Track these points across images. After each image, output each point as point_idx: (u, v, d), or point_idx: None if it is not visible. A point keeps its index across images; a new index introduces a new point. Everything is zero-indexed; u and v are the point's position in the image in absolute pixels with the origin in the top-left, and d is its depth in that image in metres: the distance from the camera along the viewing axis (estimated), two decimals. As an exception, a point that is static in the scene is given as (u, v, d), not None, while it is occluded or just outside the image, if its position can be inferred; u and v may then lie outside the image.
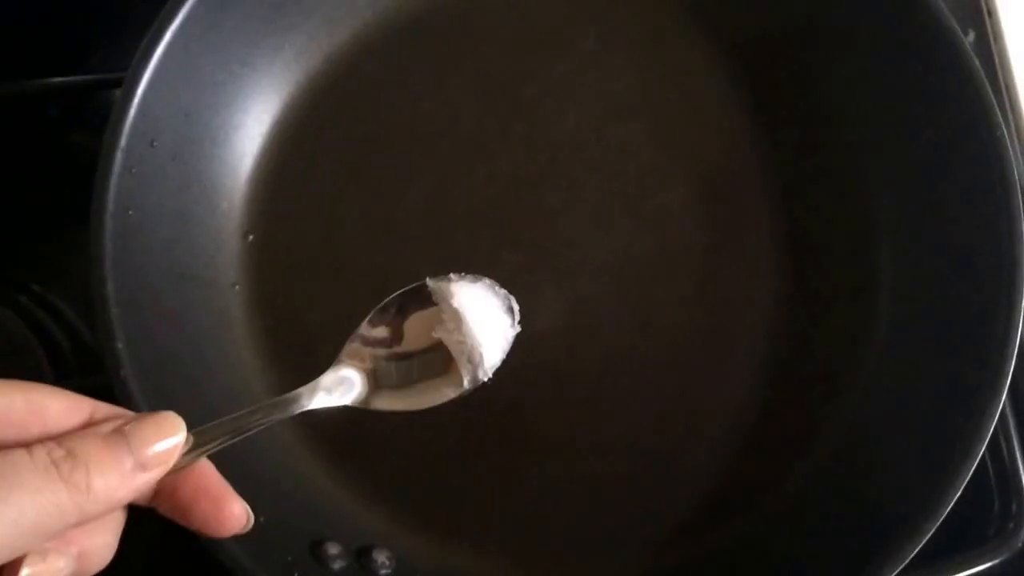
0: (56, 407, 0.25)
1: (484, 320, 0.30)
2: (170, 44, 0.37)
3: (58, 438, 0.24)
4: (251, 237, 0.41)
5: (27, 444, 0.23)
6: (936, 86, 0.40)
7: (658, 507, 0.40)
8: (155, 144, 0.38)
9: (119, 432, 0.24)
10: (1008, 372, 0.36)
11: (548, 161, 0.42)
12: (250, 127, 0.42)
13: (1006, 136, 0.38)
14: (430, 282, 0.32)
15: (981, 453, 0.36)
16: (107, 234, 0.36)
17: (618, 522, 0.40)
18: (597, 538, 0.40)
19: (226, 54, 0.40)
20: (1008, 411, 0.42)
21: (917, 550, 0.35)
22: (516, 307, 0.33)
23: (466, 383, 0.32)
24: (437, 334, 0.31)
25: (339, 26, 0.42)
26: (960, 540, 0.41)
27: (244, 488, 0.36)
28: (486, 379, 0.32)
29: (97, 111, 0.37)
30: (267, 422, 0.29)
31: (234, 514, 0.28)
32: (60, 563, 0.25)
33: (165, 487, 0.27)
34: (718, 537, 0.40)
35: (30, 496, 0.22)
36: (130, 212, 0.37)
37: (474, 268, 0.41)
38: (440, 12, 0.43)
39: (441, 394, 0.32)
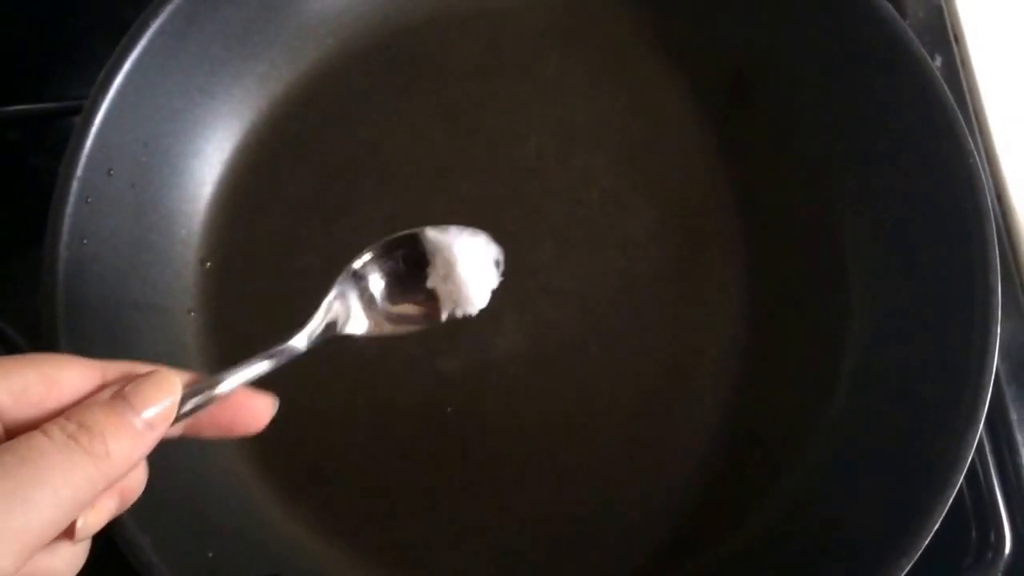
0: (69, 377, 0.26)
1: (473, 271, 0.30)
2: (129, 72, 0.38)
3: (67, 413, 0.25)
4: (208, 264, 0.41)
5: (43, 421, 0.24)
6: (905, 113, 0.40)
7: (623, 539, 0.39)
8: (112, 173, 0.38)
9: (121, 397, 0.25)
10: (984, 403, 0.35)
11: (509, 187, 0.42)
12: (210, 154, 0.41)
13: (979, 164, 0.38)
14: (429, 231, 0.32)
15: (958, 485, 0.35)
16: (60, 262, 0.36)
17: (581, 555, 0.39)
18: (561, 570, 0.39)
19: (186, 82, 0.40)
20: (985, 439, 0.41)
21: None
22: (502, 259, 0.34)
23: (443, 317, 0.32)
24: (431, 283, 0.32)
25: (300, 54, 0.43)
26: (938, 570, 0.39)
27: (191, 520, 0.36)
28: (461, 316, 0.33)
29: (57, 135, 0.37)
30: (270, 367, 0.30)
31: (265, 410, 0.29)
32: (109, 504, 0.26)
33: (194, 423, 0.28)
34: (694, 566, 0.39)
35: (61, 476, 0.23)
36: (85, 241, 0.37)
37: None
38: (401, 39, 0.43)
39: (417, 322, 0.32)
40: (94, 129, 0.37)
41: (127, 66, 0.37)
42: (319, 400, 0.40)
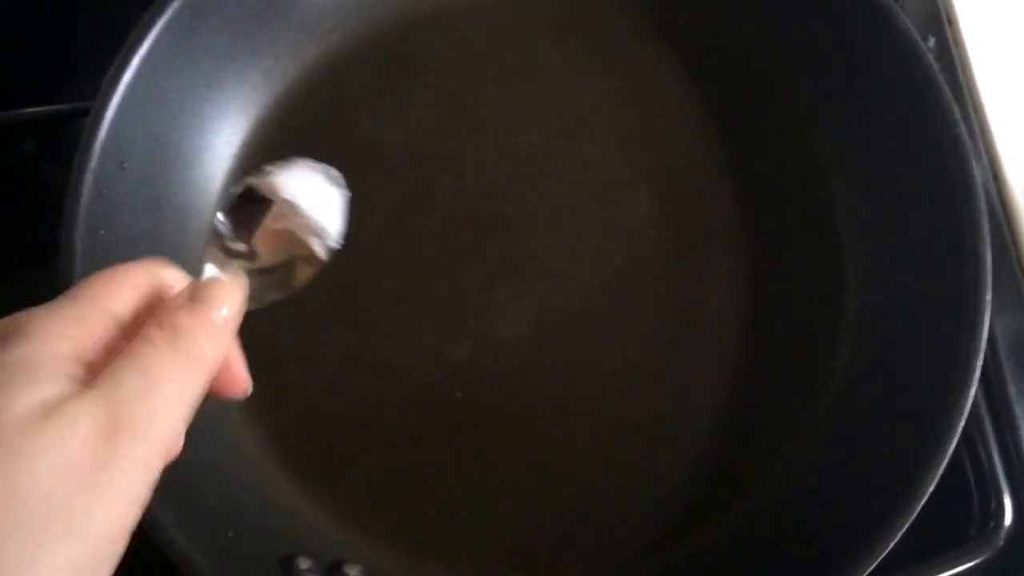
0: (172, 280, 0.26)
1: (314, 196, 0.30)
2: (139, 68, 0.38)
3: (157, 320, 0.24)
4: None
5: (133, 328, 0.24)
6: (898, 94, 0.41)
7: (630, 520, 0.40)
8: (125, 166, 0.39)
9: (199, 299, 0.25)
10: (975, 371, 0.36)
11: (512, 176, 0.43)
12: (219, 149, 0.42)
13: (964, 133, 0.39)
14: (251, 180, 0.30)
15: (952, 449, 0.35)
16: (77, 254, 0.37)
17: (589, 536, 0.40)
18: (569, 551, 0.40)
19: (194, 78, 0.41)
20: (983, 409, 0.42)
21: (890, 548, 0.35)
22: (338, 174, 0.32)
23: (322, 255, 0.31)
24: (278, 225, 0.30)
25: (305, 49, 0.43)
26: (940, 541, 0.40)
27: (212, 501, 0.37)
28: (337, 245, 0.31)
29: (72, 146, 0.38)
30: None
31: (244, 377, 0.29)
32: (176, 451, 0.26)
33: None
34: (698, 543, 0.39)
35: (173, 386, 0.23)
36: (100, 232, 0.38)
37: (441, 282, 0.42)
38: (403, 33, 0.44)
39: (304, 274, 0.31)
40: (106, 123, 0.37)
41: (136, 62, 0.38)
42: (332, 387, 0.41)
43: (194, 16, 0.39)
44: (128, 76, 0.38)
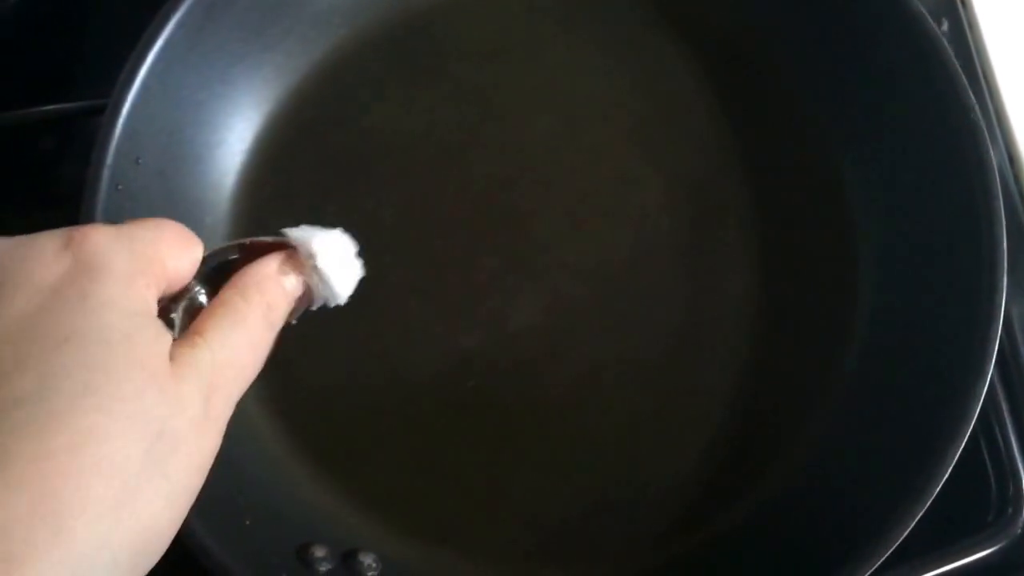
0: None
1: (336, 263, 0.30)
2: (153, 65, 0.39)
3: (255, 284, 0.27)
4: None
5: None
6: (909, 76, 0.40)
7: (643, 508, 0.40)
8: (140, 161, 0.39)
9: (283, 272, 0.28)
10: (991, 354, 0.36)
11: (522, 165, 0.43)
12: (232, 144, 0.43)
13: (979, 117, 0.39)
14: (289, 231, 0.30)
15: (968, 433, 0.35)
16: (94, 248, 0.37)
17: (603, 525, 0.40)
18: (580, 539, 0.40)
19: (207, 74, 0.41)
20: (1000, 394, 0.41)
21: (906, 534, 0.34)
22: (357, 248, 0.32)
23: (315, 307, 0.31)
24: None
25: (315, 44, 0.44)
26: (958, 527, 0.40)
27: (230, 491, 0.37)
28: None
29: (89, 143, 0.39)
30: None
31: None
32: None
33: None
34: (711, 531, 0.39)
35: (258, 350, 0.27)
36: (117, 226, 0.38)
37: (452, 272, 0.42)
38: (412, 26, 0.44)
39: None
40: (122, 119, 0.38)
41: (150, 59, 0.39)
42: (346, 378, 0.42)
43: (206, 13, 0.40)
44: (142, 73, 0.39)
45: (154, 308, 0.25)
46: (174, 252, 0.26)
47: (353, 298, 0.31)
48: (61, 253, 0.23)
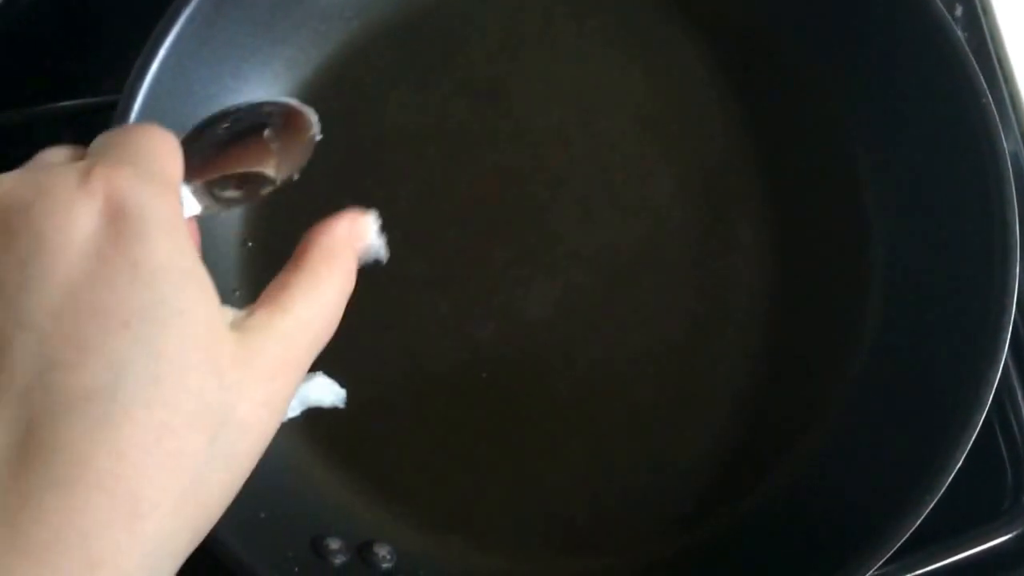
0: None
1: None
2: (164, 60, 0.39)
3: (326, 249, 0.26)
4: (250, 244, 0.43)
5: None
6: (921, 65, 0.40)
7: (655, 497, 0.40)
8: (153, 157, 0.40)
9: (355, 236, 0.28)
10: (1004, 340, 0.36)
11: (534, 156, 0.43)
12: (245, 138, 0.43)
13: (991, 104, 0.38)
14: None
15: (981, 420, 0.35)
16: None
17: (615, 516, 0.40)
18: (593, 528, 0.40)
19: (219, 69, 0.41)
20: (1015, 379, 0.41)
21: (919, 522, 0.34)
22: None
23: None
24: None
25: (327, 37, 0.44)
26: (972, 514, 0.40)
27: (245, 484, 0.37)
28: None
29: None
30: None
31: None
32: None
33: None
34: (724, 520, 0.40)
35: (333, 322, 0.26)
36: (131, 222, 0.39)
37: (464, 264, 0.42)
38: (423, 17, 0.44)
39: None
40: (134, 115, 0.38)
41: (161, 54, 0.39)
42: (359, 370, 0.41)
43: (217, 7, 0.40)
44: (154, 69, 0.39)
45: (198, 259, 0.22)
46: (172, 160, 0.24)
47: (366, 289, 0.31)
48: (87, 203, 0.21)
